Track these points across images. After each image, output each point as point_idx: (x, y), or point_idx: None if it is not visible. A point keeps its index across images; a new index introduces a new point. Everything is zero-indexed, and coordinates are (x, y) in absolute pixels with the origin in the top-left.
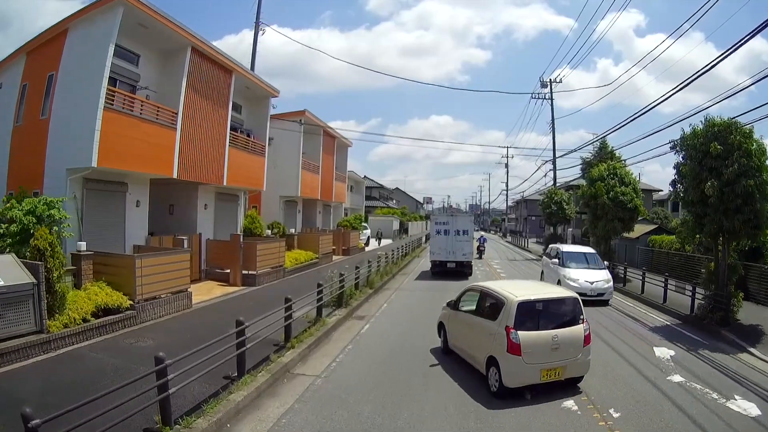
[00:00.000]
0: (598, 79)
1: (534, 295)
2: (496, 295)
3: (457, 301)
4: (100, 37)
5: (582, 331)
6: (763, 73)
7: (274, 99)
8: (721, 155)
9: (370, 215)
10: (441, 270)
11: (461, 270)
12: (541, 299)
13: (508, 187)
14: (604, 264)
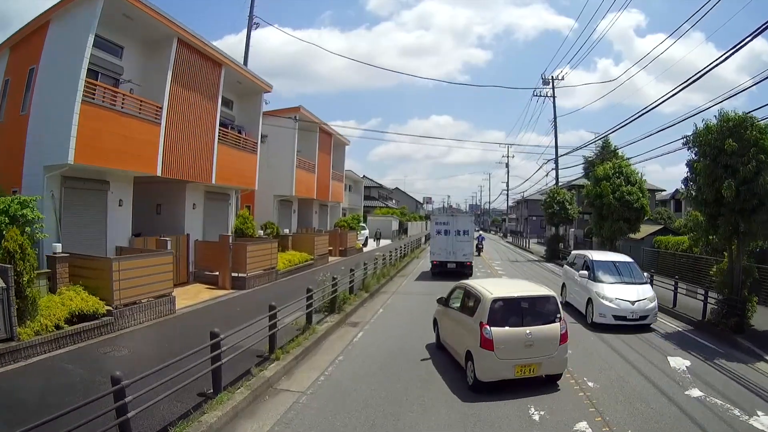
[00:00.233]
0: (598, 79)
1: (509, 293)
2: (475, 293)
3: (448, 298)
4: (80, 28)
5: (558, 330)
6: (764, 74)
7: (266, 95)
8: (736, 152)
9: (369, 215)
10: (441, 270)
11: (461, 270)
12: (515, 297)
13: (508, 186)
14: (645, 276)
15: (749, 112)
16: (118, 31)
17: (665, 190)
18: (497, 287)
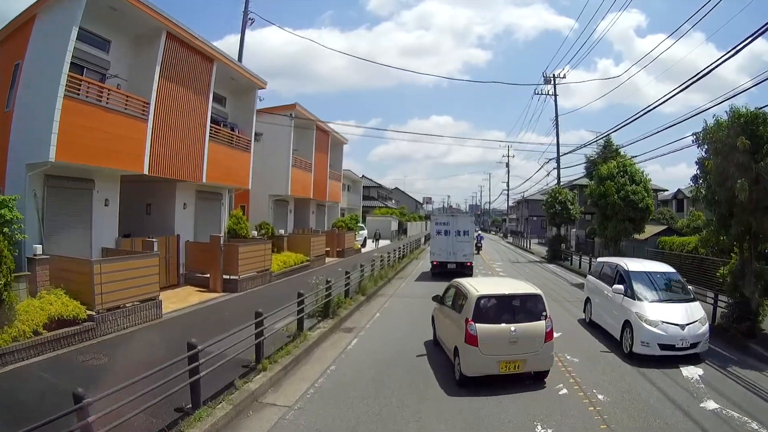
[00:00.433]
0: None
1: (495, 291)
2: (463, 290)
3: (443, 296)
4: (64, 21)
5: (543, 327)
6: (764, 76)
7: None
8: (749, 149)
9: (368, 215)
10: (441, 271)
11: (462, 271)
12: (500, 294)
13: (509, 186)
14: (691, 290)
15: (761, 108)
16: (105, 24)
17: (667, 190)
18: (485, 285)
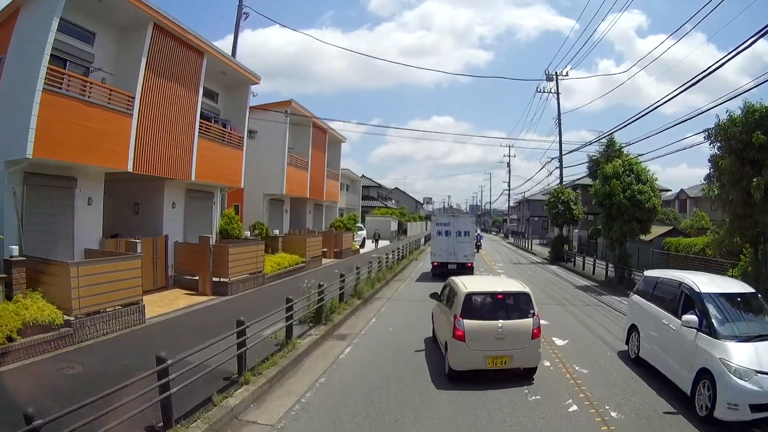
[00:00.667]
0: (599, 79)
1: (483, 288)
2: (455, 287)
3: (441, 294)
4: (46, 12)
5: (531, 324)
6: (765, 77)
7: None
8: (765, 146)
9: (367, 215)
10: (442, 272)
11: (462, 272)
12: (488, 292)
13: (510, 186)
14: None
15: None
16: (89, 16)
17: (670, 190)
18: (475, 283)
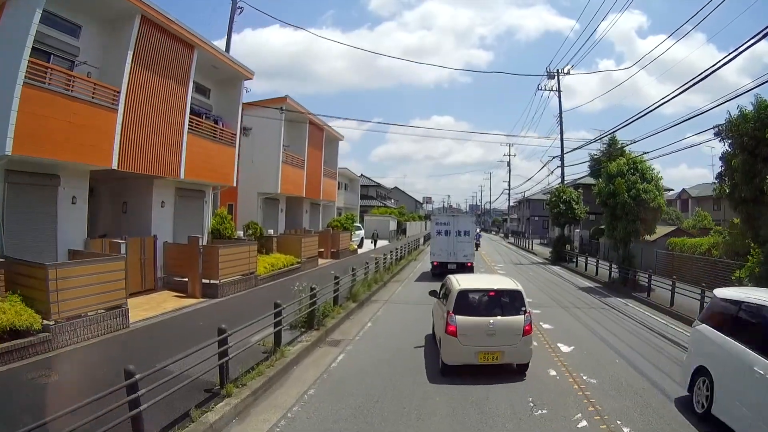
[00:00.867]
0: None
1: (476, 286)
2: (449, 285)
3: (439, 291)
4: (28, 3)
5: (522, 321)
6: (764, 78)
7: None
8: None
9: (366, 215)
10: (441, 272)
11: (462, 272)
12: (481, 289)
13: (510, 186)
14: None
15: None
16: (75, 8)
17: (672, 190)
18: (469, 281)
